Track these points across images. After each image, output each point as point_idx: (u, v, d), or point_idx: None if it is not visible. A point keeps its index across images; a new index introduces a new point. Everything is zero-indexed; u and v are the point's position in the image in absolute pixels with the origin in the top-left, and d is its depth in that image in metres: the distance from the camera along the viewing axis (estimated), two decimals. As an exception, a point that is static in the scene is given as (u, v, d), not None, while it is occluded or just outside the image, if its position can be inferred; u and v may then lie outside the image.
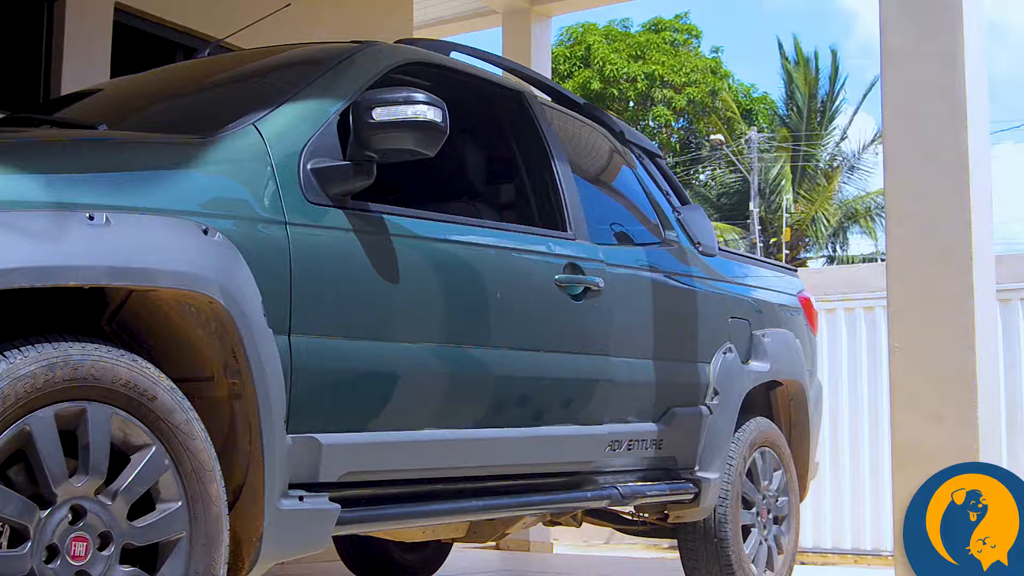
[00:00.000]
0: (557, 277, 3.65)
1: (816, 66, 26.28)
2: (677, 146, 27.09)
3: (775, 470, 4.88)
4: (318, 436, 2.80)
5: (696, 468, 4.31)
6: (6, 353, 2.23)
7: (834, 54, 33.83)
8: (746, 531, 4.65)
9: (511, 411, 3.49)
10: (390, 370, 3.04)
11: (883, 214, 6.59)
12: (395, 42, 3.71)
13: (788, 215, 25.17)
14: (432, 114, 2.93)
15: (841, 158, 26.43)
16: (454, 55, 3.90)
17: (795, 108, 26.76)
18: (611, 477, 3.95)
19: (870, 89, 26.19)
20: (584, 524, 4.67)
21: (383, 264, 3.02)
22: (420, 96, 2.94)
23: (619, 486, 3.94)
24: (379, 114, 2.92)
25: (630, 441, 3.96)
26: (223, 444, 2.64)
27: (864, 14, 63.32)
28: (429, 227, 3.25)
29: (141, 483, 2.40)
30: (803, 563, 7.37)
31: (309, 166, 2.90)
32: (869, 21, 61.43)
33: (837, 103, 26.51)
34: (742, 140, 28.86)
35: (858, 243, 26.64)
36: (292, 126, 2.94)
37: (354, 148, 2.96)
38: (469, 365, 3.31)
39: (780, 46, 32.70)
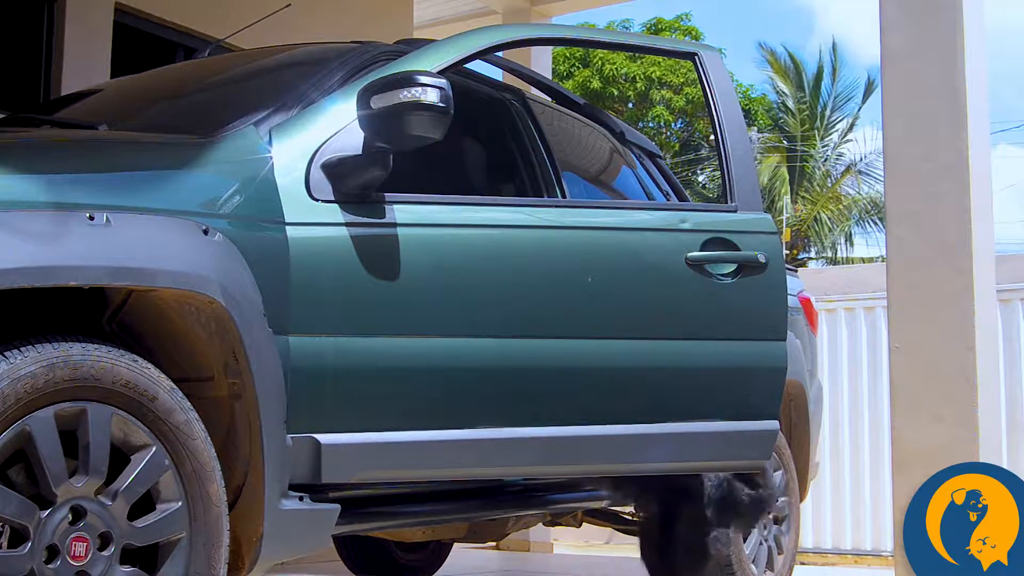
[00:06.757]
0: None
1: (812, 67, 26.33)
2: (677, 146, 27.07)
3: (775, 470, 4.88)
4: (318, 436, 2.78)
5: None
6: (6, 353, 2.23)
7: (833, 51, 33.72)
8: (746, 531, 4.65)
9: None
10: (403, 367, 2.94)
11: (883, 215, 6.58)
12: (395, 42, 3.70)
13: (787, 215, 25.13)
14: (432, 96, 2.79)
15: (849, 158, 26.40)
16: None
17: (787, 108, 26.74)
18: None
19: (867, 93, 26.05)
20: (584, 524, 4.67)
21: (396, 257, 2.92)
22: (418, 78, 2.80)
23: (619, 486, 3.93)
24: (377, 101, 2.82)
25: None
26: (223, 444, 2.63)
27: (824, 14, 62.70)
28: (447, 213, 3.10)
29: (141, 483, 2.40)
30: (803, 563, 7.37)
31: (319, 163, 2.86)
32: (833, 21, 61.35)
33: (833, 101, 26.46)
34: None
35: (860, 245, 26.60)
36: (297, 125, 2.92)
37: (365, 139, 2.88)
38: (494, 359, 3.12)
39: (761, 47, 32.70)
